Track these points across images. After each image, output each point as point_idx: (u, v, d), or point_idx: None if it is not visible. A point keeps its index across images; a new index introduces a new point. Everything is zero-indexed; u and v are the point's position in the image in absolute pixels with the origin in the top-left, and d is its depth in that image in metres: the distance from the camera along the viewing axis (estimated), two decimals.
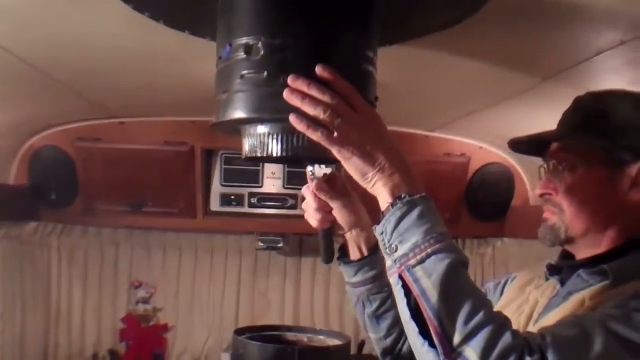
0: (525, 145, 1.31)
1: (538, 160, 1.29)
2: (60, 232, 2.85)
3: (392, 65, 1.36)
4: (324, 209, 1.32)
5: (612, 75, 1.51)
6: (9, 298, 2.56)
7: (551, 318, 1.15)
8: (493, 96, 1.85)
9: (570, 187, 1.19)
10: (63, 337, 2.96)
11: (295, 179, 2.59)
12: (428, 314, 0.94)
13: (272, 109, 1.03)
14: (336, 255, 1.41)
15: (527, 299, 1.29)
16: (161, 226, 2.79)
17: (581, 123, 1.22)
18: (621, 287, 1.10)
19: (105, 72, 1.71)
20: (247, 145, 1.12)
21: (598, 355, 0.94)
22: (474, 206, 2.67)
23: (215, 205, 2.61)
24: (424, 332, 0.94)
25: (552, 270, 1.28)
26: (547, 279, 1.29)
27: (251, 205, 2.61)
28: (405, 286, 0.97)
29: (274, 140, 1.07)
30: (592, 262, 1.18)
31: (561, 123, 1.28)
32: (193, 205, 2.58)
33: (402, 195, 0.99)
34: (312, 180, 1.29)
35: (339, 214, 1.33)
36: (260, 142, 1.09)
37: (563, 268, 1.26)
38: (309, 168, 1.28)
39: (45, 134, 2.47)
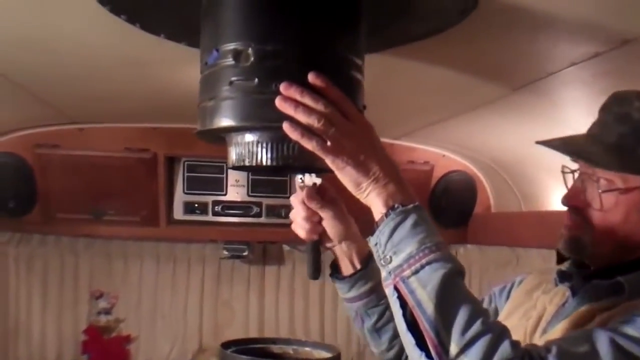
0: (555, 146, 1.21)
1: (500, 170, 1.27)
2: (19, 242, 2.78)
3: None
4: (313, 219, 1.29)
5: (583, 87, 1.52)
6: None
7: (559, 330, 1.13)
8: (462, 105, 1.86)
9: (607, 204, 1.13)
10: (23, 349, 2.87)
11: (259, 186, 2.58)
12: (424, 325, 0.93)
13: (263, 117, 1.01)
14: (326, 271, 1.37)
15: (535, 305, 1.26)
16: (123, 235, 2.74)
17: (625, 143, 1.13)
18: (636, 301, 1.07)
19: (70, 78, 1.68)
20: (234, 154, 1.09)
21: None
22: (437, 213, 2.68)
23: (178, 213, 2.58)
24: (421, 344, 0.93)
25: (563, 276, 1.24)
26: (556, 285, 1.25)
27: (215, 214, 2.59)
28: (400, 297, 0.96)
29: (264, 150, 1.05)
30: (607, 273, 1.14)
31: (600, 128, 1.18)
32: (156, 213, 2.54)
33: (396, 206, 0.98)
34: (301, 189, 1.25)
35: (330, 224, 1.29)
36: (248, 151, 1.06)
37: (574, 276, 1.22)
38: (299, 176, 1.25)
39: (3, 139, 2.41)
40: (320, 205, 1.26)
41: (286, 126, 0.96)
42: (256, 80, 1.00)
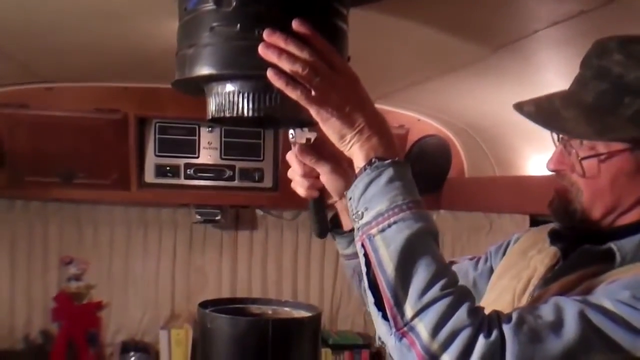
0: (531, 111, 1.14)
1: (475, 134, 1.23)
2: None
3: None
4: (311, 176, 1.25)
5: (566, 48, 1.48)
6: None
7: (546, 294, 1.07)
8: (440, 67, 1.83)
9: (589, 171, 1.08)
10: None
11: (233, 149, 2.55)
12: (382, 285, 0.91)
13: (245, 65, 0.98)
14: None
15: (528, 265, 1.20)
16: (93, 198, 2.70)
17: (603, 103, 1.06)
18: (623, 268, 1.03)
19: (37, 31, 1.60)
20: (213, 105, 1.06)
21: (566, 349, 0.88)
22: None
23: (149, 176, 2.54)
24: (379, 304, 0.92)
25: (555, 237, 1.19)
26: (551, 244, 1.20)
27: (187, 177, 2.55)
28: (366, 255, 0.94)
29: (245, 100, 1.02)
30: (598, 238, 1.09)
31: (578, 86, 1.11)
32: (127, 176, 2.50)
33: (373, 160, 0.95)
34: (293, 144, 1.21)
35: (327, 179, 1.24)
36: (229, 101, 1.03)
37: (566, 237, 1.17)
38: (290, 132, 1.20)
39: None
40: (314, 160, 1.22)
41: (270, 74, 0.94)
42: (238, 26, 0.98)
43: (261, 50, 0.94)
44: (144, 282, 2.99)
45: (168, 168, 2.54)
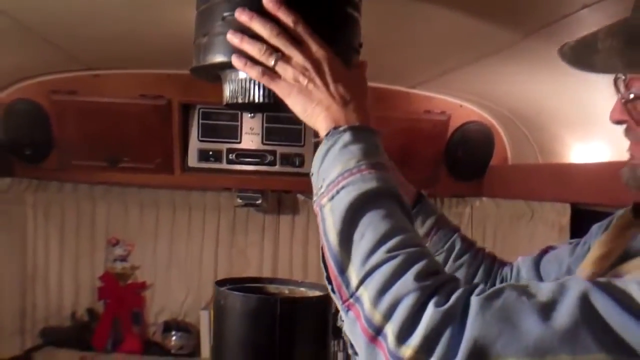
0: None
1: (518, 121, 1.17)
2: (36, 188, 2.82)
3: (372, 17, 1.33)
4: None
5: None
6: None
7: (619, 273, 0.87)
8: (473, 53, 1.82)
9: None
10: (40, 296, 2.94)
11: (274, 135, 2.57)
12: (327, 256, 0.82)
13: None
14: None
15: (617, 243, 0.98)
16: (138, 182, 2.76)
17: None
18: None
19: (77, 20, 1.66)
20: (227, 91, 1.09)
21: (539, 342, 0.68)
22: (454, 165, 2.66)
23: (193, 161, 2.58)
24: (329, 277, 0.83)
25: (637, 212, 1.00)
26: None
27: (229, 162, 2.58)
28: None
29: (256, 86, 1.03)
30: None
31: (633, 13, 0.90)
32: (170, 160, 2.54)
33: (331, 130, 0.91)
34: None
35: None
36: (241, 87, 1.05)
37: None
38: None
39: (19, 86, 2.41)
40: None
41: (234, 58, 0.97)
42: None
43: (228, 35, 0.97)
44: (187, 263, 3.05)
45: (211, 153, 2.57)
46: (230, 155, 2.58)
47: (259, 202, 2.71)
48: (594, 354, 0.67)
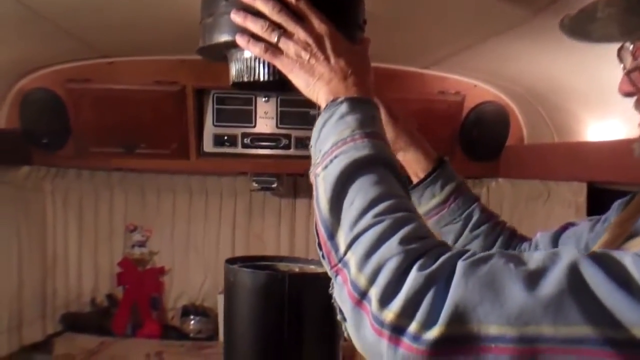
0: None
1: (533, 100, 1.14)
2: (54, 176, 2.84)
3: None
4: None
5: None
6: (5, 244, 2.56)
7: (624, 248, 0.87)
8: (485, 30, 1.80)
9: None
10: (60, 283, 2.98)
11: (288, 118, 2.57)
12: (318, 223, 0.83)
13: None
14: None
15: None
16: (155, 168, 2.78)
17: None
18: None
19: (90, 7, 1.66)
20: (233, 70, 1.11)
21: (522, 310, 0.66)
22: (469, 146, 2.65)
23: (208, 146, 2.59)
24: (320, 243, 0.83)
25: None
26: None
27: (244, 146, 2.59)
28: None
29: (261, 65, 1.05)
30: None
31: None
32: (186, 146, 2.55)
33: (328, 104, 0.92)
34: None
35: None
36: (247, 66, 1.07)
37: None
38: None
39: (35, 75, 2.42)
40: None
41: (238, 36, 1.00)
42: None
43: (231, 15, 1.00)
44: (205, 248, 3.07)
45: (226, 137, 2.58)
46: (245, 139, 2.58)
47: (274, 185, 2.72)
48: (578, 326, 0.64)
